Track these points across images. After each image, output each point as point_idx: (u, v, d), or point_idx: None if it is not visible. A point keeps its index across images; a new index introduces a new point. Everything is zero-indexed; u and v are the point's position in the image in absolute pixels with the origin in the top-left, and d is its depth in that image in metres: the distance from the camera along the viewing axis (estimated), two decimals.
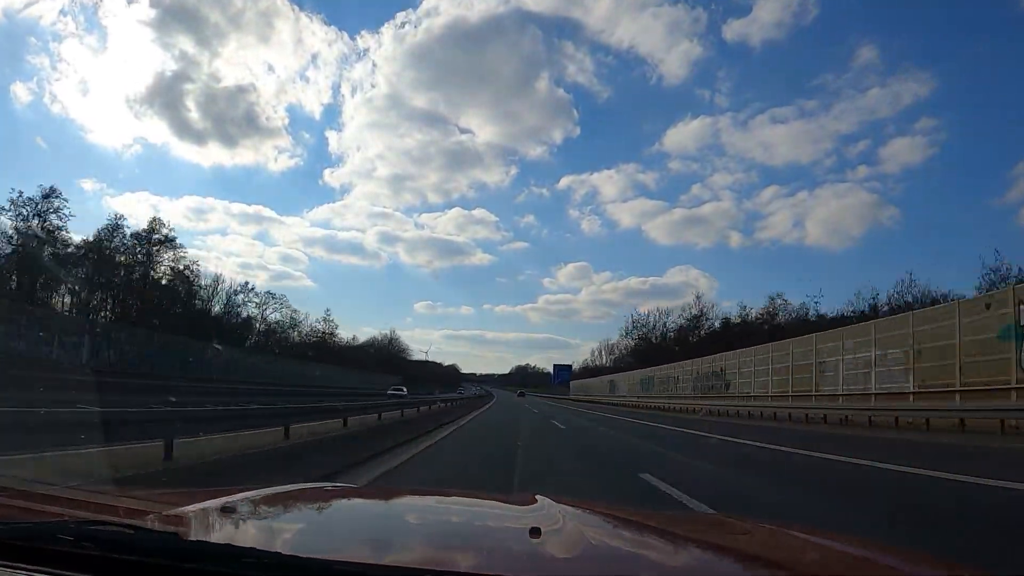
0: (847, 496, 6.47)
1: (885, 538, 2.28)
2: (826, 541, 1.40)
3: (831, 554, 1.30)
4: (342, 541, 1.29)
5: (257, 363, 44.08)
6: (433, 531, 1.41)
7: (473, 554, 1.17)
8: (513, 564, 1.11)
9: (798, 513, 5.40)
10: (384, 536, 1.31)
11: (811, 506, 5.87)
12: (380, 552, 1.15)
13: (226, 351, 41.49)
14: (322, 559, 0.92)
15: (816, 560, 1.27)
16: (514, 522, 1.50)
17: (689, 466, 9.44)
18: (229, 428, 8.56)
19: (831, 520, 4.86)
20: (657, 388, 45.75)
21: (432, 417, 18.76)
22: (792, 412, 22.86)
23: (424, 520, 1.57)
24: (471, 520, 1.58)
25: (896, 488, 6.84)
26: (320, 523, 1.47)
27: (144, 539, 0.94)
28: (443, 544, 1.25)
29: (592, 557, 1.12)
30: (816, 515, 5.25)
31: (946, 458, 9.65)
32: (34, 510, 1.24)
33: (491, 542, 1.29)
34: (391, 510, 1.70)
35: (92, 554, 0.90)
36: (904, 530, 4.34)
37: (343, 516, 1.57)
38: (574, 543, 1.20)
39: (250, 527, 1.30)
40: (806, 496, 6.58)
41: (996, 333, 15.36)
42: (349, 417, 12.52)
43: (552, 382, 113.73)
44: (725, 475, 8.48)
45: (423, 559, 1.08)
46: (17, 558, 0.91)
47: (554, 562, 1.13)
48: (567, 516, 1.37)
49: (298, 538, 1.27)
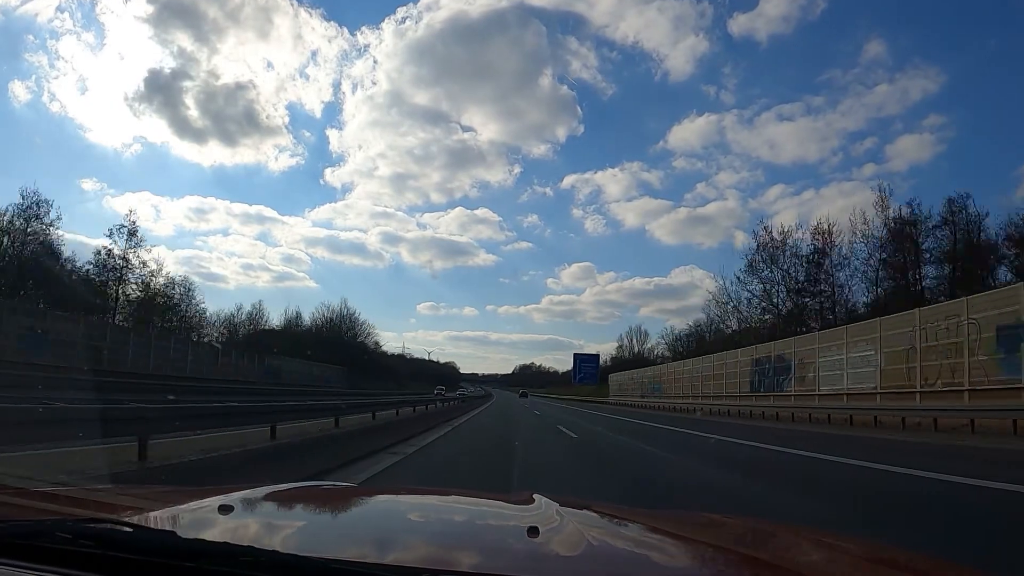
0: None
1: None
2: (828, 541, 1.40)
3: (832, 555, 1.30)
4: (340, 540, 1.29)
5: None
6: (431, 530, 1.41)
7: (471, 553, 1.17)
8: (511, 563, 1.11)
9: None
10: (382, 535, 1.31)
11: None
12: (378, 551, 1.15)
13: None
14: (320, 558, 0.92)
15: (817, 561, 1.27)
16: (512, 521, 1.50)
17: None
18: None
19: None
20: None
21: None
22: (920, 417, 18.33)
23: (422, 519, 1.57)
24: (469, 519, 1.58)
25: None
26: (318, 522, 1.47)
27: (142, 537, 0.94)
28: (441, 543, 1.25)
29: (591, 556, 1.12)
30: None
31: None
32: (32, 508, 1.24)
33: (489, 541, 1.29)
34: (389, 509, 1.70)
35: (91, 552, 0.90)
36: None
37: (341, 515, 1.57)
38: (573, 542, 1.20)
39: (248, 525, 1.30)
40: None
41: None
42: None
43: (574, 380, 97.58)
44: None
45: (421, 558, 1.08)
46: (16, 556, 0.91)
47: (553, 561, 1.13)
48: (565, 515, 1.37)
49: (296, 537, 1.27)
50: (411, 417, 17.57)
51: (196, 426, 7.85)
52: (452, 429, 17.44)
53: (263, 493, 1.58)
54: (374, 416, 15.09)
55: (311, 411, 12.12)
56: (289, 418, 10.26)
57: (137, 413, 6.45)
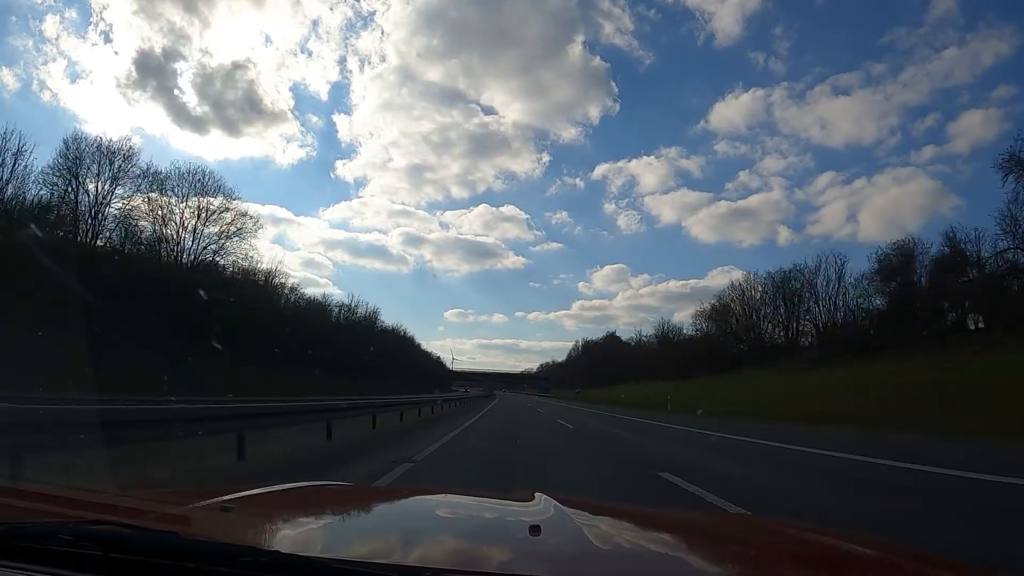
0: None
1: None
2: (831, 540, 1.40)
3: (835, 554, 1.30)
4: (341, 540, 1.29)
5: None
6: (433, 529, 1.41)
7: (472, 552, 1.17)
8: (513, 562, 1.11)
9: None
10: (383, 534, 1.32)
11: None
12: (379, 551, 1.15)
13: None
14: (321, 558, 0.92)
15: (818, 560, 1.27)
16: (514, 520, 1.50)
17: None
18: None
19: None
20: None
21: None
22: None
23: (424, 518, 1.57)
24: (470, 518, 1.58)
25: None
26: (319, 522, 1.47)
27: (144, 538, 0.94)
28: (443, 542, 1.25)
29: (593, 555, 1.12)
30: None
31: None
32: (33, 510, 1.24)
33: (490, 540, 1.29)
34: (390, 509, 1.71)
35: (92, 554, 0.91)
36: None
37: (342, 515, 1.57)
38: (574, 541, 1.20)
39: (250, 526, 1.30)
40: None
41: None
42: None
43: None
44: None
45: (422, 557, 1.08)
46: (17, 558, 0.91)
47: (555, 560, 1.13)
48: (567, 514, 1.37)
49: (297, 537, 1.27)
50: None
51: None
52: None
53: (264, 493, 1.59)
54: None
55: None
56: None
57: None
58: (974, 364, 22.06)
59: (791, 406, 23.69)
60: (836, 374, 30.39)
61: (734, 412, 25.58)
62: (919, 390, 20.04)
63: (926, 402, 18.01)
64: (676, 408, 31.72)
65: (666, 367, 57.74)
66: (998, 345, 24.26)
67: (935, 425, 14.32)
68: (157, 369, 22.12)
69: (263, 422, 9.17)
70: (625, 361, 74.34)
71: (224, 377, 25.95)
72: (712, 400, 30.80)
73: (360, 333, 59.24)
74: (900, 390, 21.06)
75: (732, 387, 37.64)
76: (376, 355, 54.35)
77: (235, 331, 32.67)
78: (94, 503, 1.42)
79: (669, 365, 57.69)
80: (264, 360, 33.96)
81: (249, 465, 7.57)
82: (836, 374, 30.39)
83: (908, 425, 15.12)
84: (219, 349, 29.93)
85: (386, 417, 16.62)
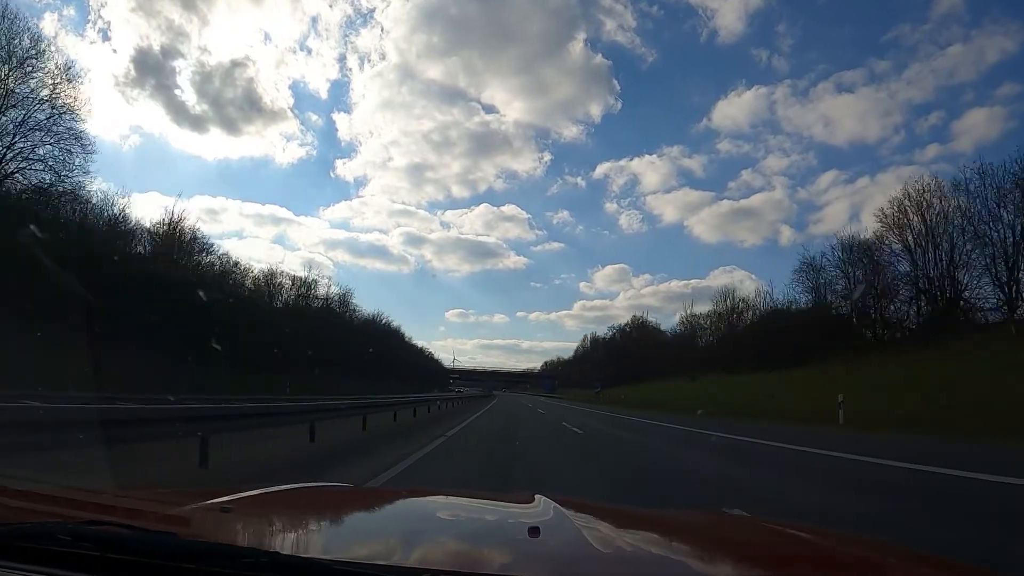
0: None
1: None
2: (828, 541, 1.40)
3: (833, 553, 1.30)
4: (341, 541, 1.29)
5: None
6: (432, 530, 1.41)
7: (472, 553, 1.17)
8: (512, 564, 1.11)
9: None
10: (383, 536, 1.32)
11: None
12: (379, 552, 1.15)
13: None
14: (321, 559, 0.92)
15: (819, 559, 1.27)
16: (513, 521, 1.50)
17: None
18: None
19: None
20: None
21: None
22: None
23: (423, 519, 1.57)
24: (470, 520, 1.58)
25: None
26: (319, 523, 1.47)
27: (143, 539, 0.94)
28: (442, 544, 1.25)
29: (591, 556, 1.12)
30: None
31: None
32: (33, 510, 1.24)
33: (490, 541, 1.29)
34: (390, 510, 1.71)
35: (91, 554, 0.90)
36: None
37: (342, 516, 1.57)
38: (573, 542, 1.20)
39: (249, 527, 1.30)
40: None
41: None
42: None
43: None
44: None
45: (422, 559, 1.08)
46: (16, 558, 0.91)
47: (554, 561, 1.13)
48: (566, 515, 1.37)
49: (297, 538, 1.27)
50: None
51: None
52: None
53: (264, 494, 1.59)
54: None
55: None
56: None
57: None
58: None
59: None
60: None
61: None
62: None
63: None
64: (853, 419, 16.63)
65: (726, 358, 42.63)
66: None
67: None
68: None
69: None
70: (662, 351, 59.37)
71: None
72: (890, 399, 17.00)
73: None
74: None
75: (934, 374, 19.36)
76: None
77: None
78: (93, 503, 1.42)
79: (742, 353, 40.45)
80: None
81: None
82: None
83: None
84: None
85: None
